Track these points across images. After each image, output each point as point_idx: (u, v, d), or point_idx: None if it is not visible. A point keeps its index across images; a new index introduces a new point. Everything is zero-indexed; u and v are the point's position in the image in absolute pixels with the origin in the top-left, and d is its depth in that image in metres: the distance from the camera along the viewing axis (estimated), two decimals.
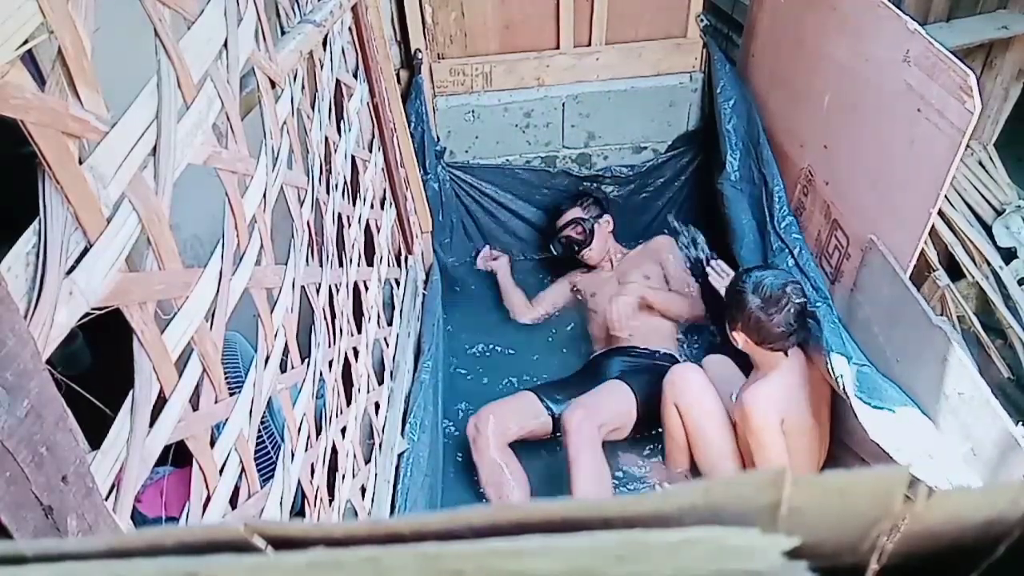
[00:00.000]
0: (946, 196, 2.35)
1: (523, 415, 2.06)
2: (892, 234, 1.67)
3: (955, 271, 2.28)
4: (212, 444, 0.76)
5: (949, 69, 1.41)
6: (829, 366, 1.71)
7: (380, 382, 1.67)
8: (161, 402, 0.65)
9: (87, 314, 0.53)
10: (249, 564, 0.19)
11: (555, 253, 2.61)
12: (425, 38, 2.42)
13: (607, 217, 2.57)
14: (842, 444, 1.87)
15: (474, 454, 2.01)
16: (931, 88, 1.47)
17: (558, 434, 2.04)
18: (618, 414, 2.03)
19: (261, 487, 0.90)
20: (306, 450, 1.08)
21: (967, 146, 2.50)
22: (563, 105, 2.58)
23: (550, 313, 2.59)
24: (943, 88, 1.44)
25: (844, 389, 1.65)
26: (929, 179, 1.51)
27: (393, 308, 1.93)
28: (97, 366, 1.89)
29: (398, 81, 2.31)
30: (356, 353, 1.45)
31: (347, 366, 1.39)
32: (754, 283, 1.75)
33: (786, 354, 1.77)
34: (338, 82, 1.49)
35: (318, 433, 1.16)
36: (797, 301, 1.73)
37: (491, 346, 2.51)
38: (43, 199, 0.50)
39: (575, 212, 2.55)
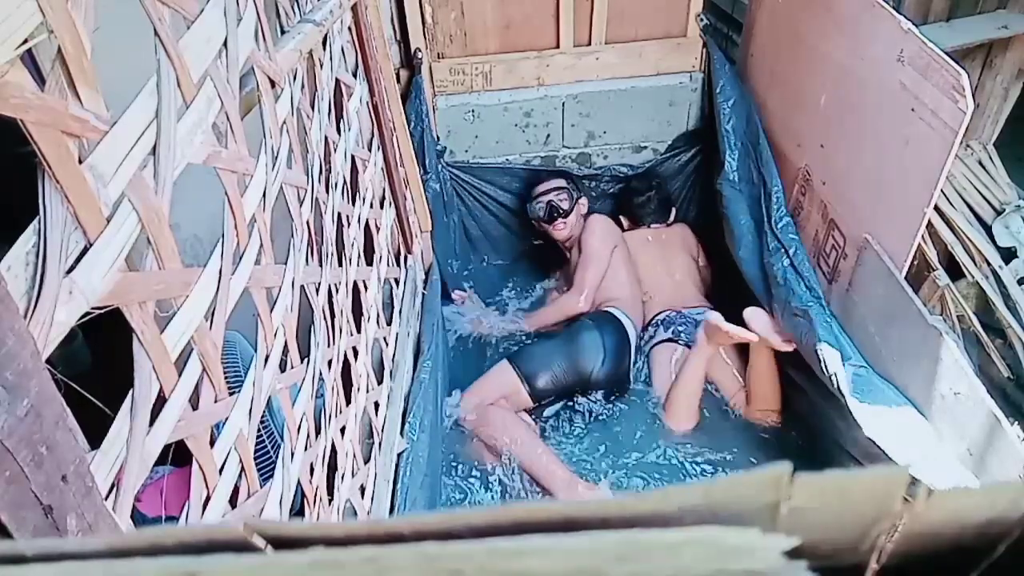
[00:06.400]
0: (946, 196, 2.36)
1: (503, 388, 2.13)
2: (887, 234, 1.68)
3: (955, 271, 2.27)
4: (212, 443, 0.76)
5: (942, 69, 1.41)
6: (823, 364, 1.72)
7: (380, 381, 1.67)
8: (161, 401, 0.65)
9: (87, 313, 0.53)
10: (249, 564, 0.19)
11: (531, 216, 2.61)
12: (425, 37, 2.42)
13: (584, 200, 2.60)
14: (836, 445, 1.88)
15: (476, 434, 2.06)
16: (925, 88, 1.47)
17: (541, 403, 2.18)
18: (502, 389, 2.14)
19: (261, 486, 0.90)
20: (306, 449, 1.08)
21: (967, 145, 2.52)
22: (563, 105, 2.58)
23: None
24: (936, 88, 1.44)
25: (838, 387, 1.66)
26: (923, 178, 1.51)
27: (393, 307, 1.93)
28: (97, 365, 1.89)
29: (398, 80, 2.31)
30: (356, 352, 1.45)
31: (347, 365, 1.39)
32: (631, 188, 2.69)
33: (648, 226, 2.65)
34: (338, 81, 1.49)
35: (317, 433, 1.16)
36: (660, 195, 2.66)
37: (491, 344, 2.51)
38: (43, 198, 0.49)
39: (560, 182, 2.57)
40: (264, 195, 0.92)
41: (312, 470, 1.11)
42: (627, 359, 2.24)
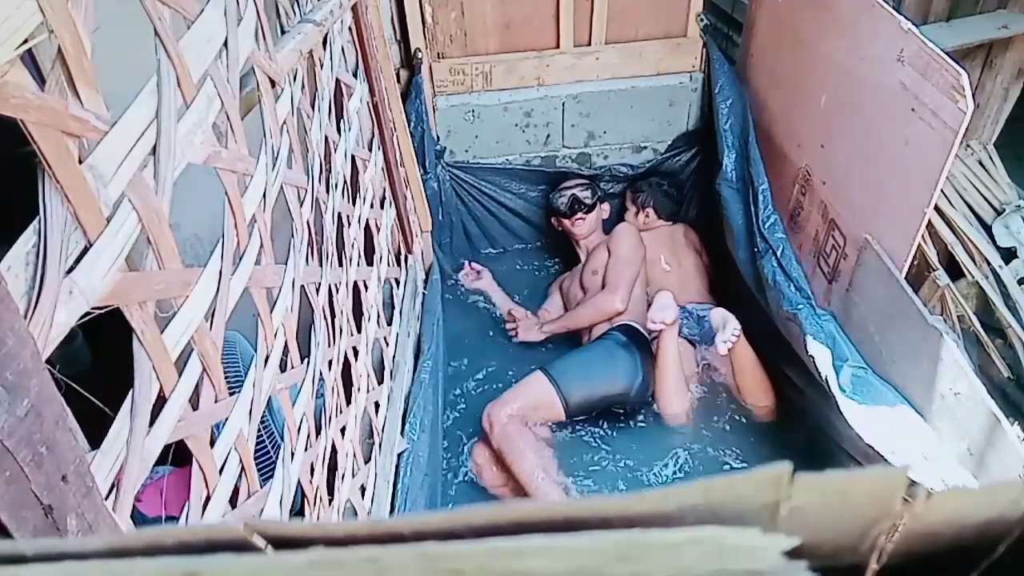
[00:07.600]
0: (946, 196, 2.35)
1: (536, 399, 2.07)
2: (887, 234, 1.68)
3: (955, 271, 2.27)
4: (212, 443, 0.76)
5: (942, 69, 1.41)
6: (814, 365, 1.72)
7: (380, 381, 1.67)
8: (161, 401, 0.65)
9: (87, 313, 0.53)
10: (249, 564, 0.19)
11: (553, 206, 2.62)
12: (425, 37, 2.42)
13: (607, 206, 2.65)
14: (835, 444, 1.88)
15: (493, 444, 2.01)
16: (925, 88, 1.47)
17: (575, 417, 2.12)
18: (536, 400, 2.07)
19: (261, 487, 0.90)
20: (306, 450, 1.08)
21: (967, 145, 2.52)
22: (563, 105, 2.58)
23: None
24: (936, 88, 1.44)
25: (829, 388, 1.66)
26: (923, 178, 1.51)
27: (393, 307, 1.93)
28: (97, 365, 1.89)
29: (398, 80, 2.31)
30: (356, 352, 1.45)
31: (347, 365, 1.39)
32: (650, 188, 2.67)
33: (664, 220, 2.66)
34: (338, 81, 1.49)
35: (318, 433, 1.16)
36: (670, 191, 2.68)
37: (491, 343, 2.51)
38: (43, 198, 0.49)
39: (585, 181, 2.64)
40: (264, 195, 0.92)
41: (312, 470, 1.11)
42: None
